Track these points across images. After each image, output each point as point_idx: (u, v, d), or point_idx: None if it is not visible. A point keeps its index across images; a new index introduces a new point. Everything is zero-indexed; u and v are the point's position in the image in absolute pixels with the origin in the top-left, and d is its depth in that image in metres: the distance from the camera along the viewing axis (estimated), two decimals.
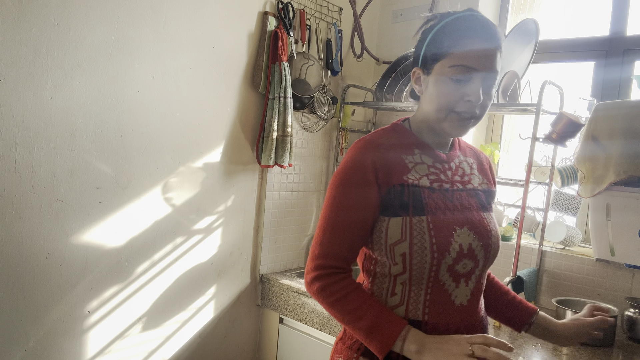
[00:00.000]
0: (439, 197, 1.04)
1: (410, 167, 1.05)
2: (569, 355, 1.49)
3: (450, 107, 1.01)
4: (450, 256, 1.00)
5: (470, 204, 1.08)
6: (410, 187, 1.03)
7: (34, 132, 1.46)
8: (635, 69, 2.01)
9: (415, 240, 1.00)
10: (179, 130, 1.84)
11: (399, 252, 1.01)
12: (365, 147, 1.05)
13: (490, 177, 1.19)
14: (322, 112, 2.32)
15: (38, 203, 1.49)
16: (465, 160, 1.15)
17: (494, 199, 1.18)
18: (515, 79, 1.98)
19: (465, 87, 1.00)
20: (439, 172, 1.08)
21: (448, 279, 1.02)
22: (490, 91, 1.03)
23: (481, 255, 1.05)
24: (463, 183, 1.10)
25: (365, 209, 1.03)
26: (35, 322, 1.51)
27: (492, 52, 1.00)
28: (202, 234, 1.98)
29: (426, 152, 1.09)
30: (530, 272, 1.90)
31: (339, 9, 2.37)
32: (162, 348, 1.88)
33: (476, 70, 0.99)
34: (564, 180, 1.90)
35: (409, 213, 1.01)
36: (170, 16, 1.75)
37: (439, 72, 1.02)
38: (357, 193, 1.03)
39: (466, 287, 1.04)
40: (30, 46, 1.43)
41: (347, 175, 1.04)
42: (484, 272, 1.09)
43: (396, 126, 1.13)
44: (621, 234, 1.74)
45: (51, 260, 1.53)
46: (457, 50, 1.00)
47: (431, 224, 1.01)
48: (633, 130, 1.65)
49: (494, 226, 1.10)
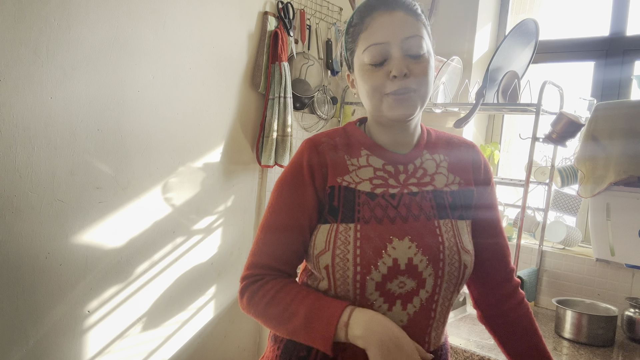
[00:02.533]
0: (380, 204, 0.91)
1: (350, 170, 0.94)
2: (569, 355, 1.49)
3: (380, 90, 0.90)
4: (378, 272, 0.86)
5: (421, 210, 0.92)
6: (342, 190, 0.92)
7: (34, 132, 1.46)
8: (635, 69, 2.01)
9: (337, 251, 0.88)
10: (179, 130, 1.84)
11: (322, 264, 0.90)
12: (305, 147, 0.96)
13: (470, 173, 1.01)
14: (322, 112, 2.32)
15: (38, 203, 1.49)
16: (432, 157, 0.99)
17: (471, 201, 0.99)
18: (515, 79, 1.98)
19: (385, 65, 0.90)
20: (387, 175, 0.95)
21: (378, 299, 0.87)
22: (420, 58, 0.90)
23: (428, 272, 0.88)
24: (420, 185, 0.95)
25: (299, 211, 0.92)
26: (35, 322, 1.51)
27: (399, 17, 0.90)
28: (202, 234, 1.98)
29: (377, 154, 0.96)
30: (530, 272, 1.90)
31: (339, 9, 2.37)
32: (162, 348, 1.88)
33: (387, 42, 0.89)
34: (564, 180, 1.90)
35: (338, 220, 0.90)
36: (170, 16, 1.75)
37: (359, 63, 0.94)
38: (291, 195, 0.94)
39: (403, 312, 0.88)
40: (30, 46, 1.43)
41: (284, 177, 0.96)
42: (438, 296, 0.91)
43: (348, 126, 1.02)
44: (621, 234, 1.74)
45: (51, 260, 1.53)
46: (363, 33, 0.92)
47: (359, 233, 0.88)
48: (633, 130, 1.65)
49: (452, 237, 0.92)
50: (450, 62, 2.11)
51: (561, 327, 1.64)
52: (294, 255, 0.95)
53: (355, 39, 0.94)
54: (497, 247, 1.04)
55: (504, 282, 1.05)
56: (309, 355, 0.91)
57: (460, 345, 1.48)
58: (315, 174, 0.93)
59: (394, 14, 0.90)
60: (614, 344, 1.60)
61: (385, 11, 0.91)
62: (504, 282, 1.05)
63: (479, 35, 2.29)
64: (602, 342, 1.58)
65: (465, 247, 0.94)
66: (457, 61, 2.16)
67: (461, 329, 1.63)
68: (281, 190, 0.95)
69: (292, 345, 0.93)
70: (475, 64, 2.30)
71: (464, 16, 2.30)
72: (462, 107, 2.11)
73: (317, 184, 0.93)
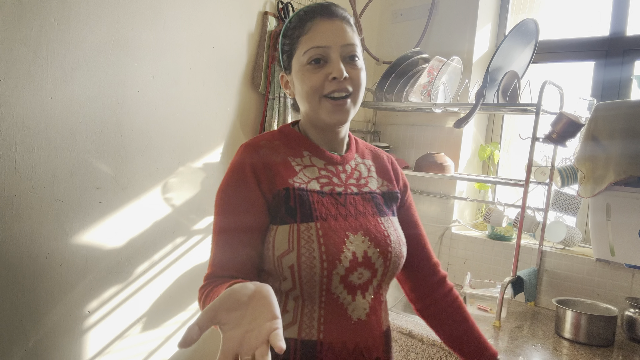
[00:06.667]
0: (330, 201, 0.97)
1: (297, 170, 0.99)
2: (569, 356, 1.49)
3: (318, 92, 0.96)
4: (342, 265, 0.92)
5: (365, 208, 1.01)
6: (296, 191, 0.96)
7: (34, 132, 1.46)
8: (635, 69, 2.01)
9: (303, 250, 0.91)
10: (179, 130, 1.84)
11: (286, 264, 0.92)
12: (245, 151, 0.98)
13: (392, 178, 1.12)
14: None
15: (38, 203, 1.49)
16: (363, 162, 1.09)
17: (397, 201, 1.10)
18: (515, 79, 1.98)
19: (325, 67, 0.96)
20: (331, 175, 1.01)
21: (342, 291, 0.94)
22: (356, 64, 0.99)
23: (380, 263, 0.98)
24: (358, 186, 1.03)
25: (247, 214, 0.94)
26: (35, 322, 1.51)
27: (339, 26, 0.98)
28: (202, 234, 1.98)
29: (317, 154, 1.02)
30: (530, 272, 1.90)
31: None
32: (162, 348, 1.88)
33: (328, 47, 0.96)
34: (564, 180, 1.90)
35: (297, 220, 0.94)
36: (170, 16, 1.75)
37: (298, 64, 0.99)
38: (237, 199, 0.95)
39: (363, 300, 0.96)
40: (30, 46, 1.43)
41: (227, 182, 0.97)
42: (383, 283, 1.01)
43: (284, 128, 1.06)
44: (621, 234, 1.74)
45: (51, 260, 1.53)
46: (304, 36, 0.98)
47: (320, 231, 0.93)
48: (633, 130, 1.65)
49: (394, 232, 1.03)
50: (450, 62, 2.11)
51: (561, 327, 1.64)
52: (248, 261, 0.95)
53: (295, 42, 1.00)
54: (420, 238, 1.15)
55: (431, 273, 1.16)
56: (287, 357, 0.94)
57: None
58: (260, 177, 0.95)
59: (334, 22, 0.98)
60: (614, 344, 1.60)
61: (326, 19, 0.98)
62: (432, 273, 1.16)
63: (479, 35, 2.29)
64: (602, 342, 1.58)
65: (403, 240, 1.05)
66: (457, 61, 2.16)
67: None
68: (227, 198, 0.97)
69: None
70: (475, 64, 2.30)
71: (464, 16, 2.30)
72: (462, 107, 2.11)
73: (264, 187, 0.95)
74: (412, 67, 2.29)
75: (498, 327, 1.68)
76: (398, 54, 2.27)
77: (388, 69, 2.26)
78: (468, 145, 2.34)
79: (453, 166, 2.17)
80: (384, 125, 2.60)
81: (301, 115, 1.06)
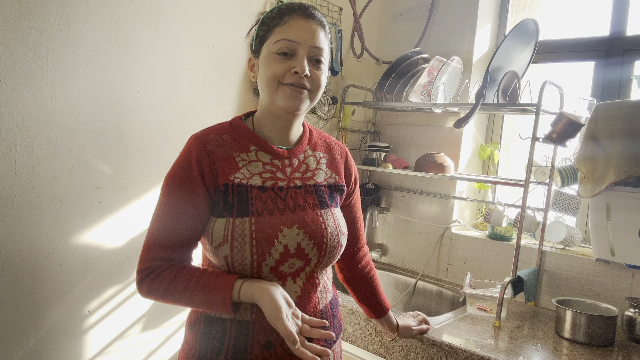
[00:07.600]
0: (270, 196, 1.04)
1: (240, 166, 1.04)
2: (569, 356, 1.49)
3: (278, 79, 1.02)
4: (271, 258, 1.00)
5: (306, 201, 1.07)
6: (235, 187, 1.02)
7: (34, 132, 1.46)
8: (635, 69, 2.01)
9: (235, 243, 0.99)
10: (179, 130, 1.84)
11: (222, 254, 1.01)
12: (192, 143, 1.05)
13: (341, 172, 1.18)
14: (322, 112, 2.32)
15: (38, 203, 1.49)
16: (314, 154, 1.14)
17: (342, 194, 1.17)
18: (515, 79, 1.98)
19: (290, 60, 1.02)
20: (275, 169, 1.07)
21: (273, 279, 1.02)
22: (320, 67, 1.05)
23: (314, 253, 1.05)
24: (303, 180, 1.09)
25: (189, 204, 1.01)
26: (35, 322, 1.51)
27: (313, 28, 1.04)
28: None
29: (264, 149, 1.08)
30: (530, 272, 1.90)
31: (339, 9, 2.37)
32: (162, 348, 1.88)
33: (298, 43, 1.02)
34: (564, 180, 1.90)
35: (233, 214, 1.00)
36: (170, 16, 1.75)
37: (266, 51, 1.05)
38: (181, 190, 1.02)
39: (294, 284, 1.05)
40: (30, 46, 1.43)
41: (172, 174, 1.04)
42: (318, 269, 1.09)
43: (234, 122, 1.11)
44: (621, 234, 1.74)
45: (51, 260, 1.53)
46: (279, 27, 1.04)
47: (254, 226, 1.00)
48: (633, 130, 1.65)
49: (333, 223, 1.09)
50: (450, 62, 2.11)
51: (561, 327, 1.64)
52: (185, 242, 1.05)
53: (270, 30, 1.05)
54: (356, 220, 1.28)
55: (360, 250, 1.32)
56: (224, 335, 1.03)
57: (460, 345, 1.48)
58: (204, 171, 1.02)
59: (310, 23, 1.04)
60: (613, 344, 1.60)
61: (304, 18, 1.04)
62: (360, 250, 1.32)
63: (479, 35, 2.29)
64: (602, 342, 1.58)
65: (342, 230, 1.12)
66: (457, 61, 2.16)
67: (461, 329, 1.63)
68: (171, 187, 1.03)
69: (209, 329, 1.04)
70: (475, 64, 2.30)
71: (464, 16, 2.30)
72: (462, 107, 2.11)
73: (207, 180, 1.02)
74: (412, 67, 2.29)
75: (498, 327, 1.68)
76: (398, 54, 2.27)
77: (388, 69, 2.26)
78: (468, 145, 2.34)
79: (453, 166, 2.17)
80: (384, 125, 2.60)
81: (259, 103, 1.11)
